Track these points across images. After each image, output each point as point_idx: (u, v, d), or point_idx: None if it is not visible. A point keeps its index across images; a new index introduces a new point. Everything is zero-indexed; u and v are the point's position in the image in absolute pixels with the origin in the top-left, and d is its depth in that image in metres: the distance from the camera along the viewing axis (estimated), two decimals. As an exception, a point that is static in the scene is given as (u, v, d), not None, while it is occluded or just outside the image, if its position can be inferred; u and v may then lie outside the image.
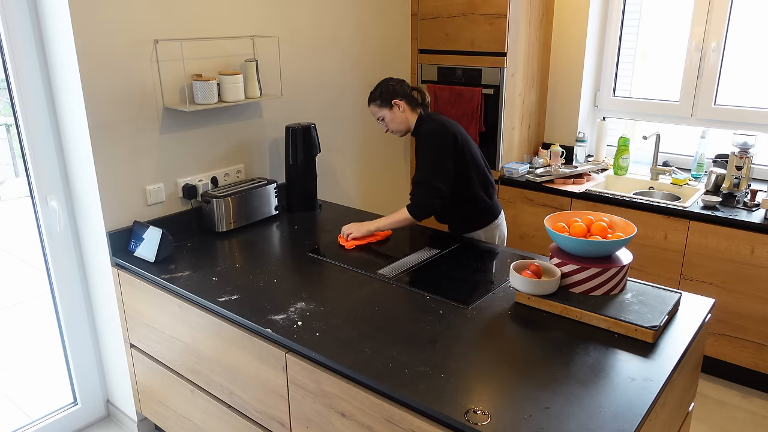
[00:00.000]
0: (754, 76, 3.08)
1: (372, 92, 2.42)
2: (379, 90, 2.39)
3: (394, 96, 2.37)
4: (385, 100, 2.38)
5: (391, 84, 2.38)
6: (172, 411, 2.29)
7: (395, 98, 2.36)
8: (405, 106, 2.38)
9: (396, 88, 2.37)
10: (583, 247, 1.80)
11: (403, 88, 2.39)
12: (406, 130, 2.42)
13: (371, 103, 2.42)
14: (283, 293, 1.94)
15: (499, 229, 2.51)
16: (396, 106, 2.37)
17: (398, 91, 2.37)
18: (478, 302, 1.85)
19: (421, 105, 2.43)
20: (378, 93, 2.39)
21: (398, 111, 2.38)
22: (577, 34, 3.42)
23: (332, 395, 1.60)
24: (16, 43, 2.13)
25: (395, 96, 2.37)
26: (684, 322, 1.72)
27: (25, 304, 3.67)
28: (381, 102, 2.38)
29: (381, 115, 2.41)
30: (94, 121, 2.15)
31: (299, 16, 2.82)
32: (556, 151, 3.42)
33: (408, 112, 2.39)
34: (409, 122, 2.40)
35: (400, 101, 2.37)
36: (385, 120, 2.40)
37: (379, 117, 2.42)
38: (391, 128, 2.42)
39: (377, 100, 2.39)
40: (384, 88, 2.38)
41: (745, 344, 2.75)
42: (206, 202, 2.47)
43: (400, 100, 2.37)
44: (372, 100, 2.41)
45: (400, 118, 2.39)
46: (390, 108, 2.38)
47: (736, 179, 2.90)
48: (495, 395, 1.41)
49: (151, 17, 2.24)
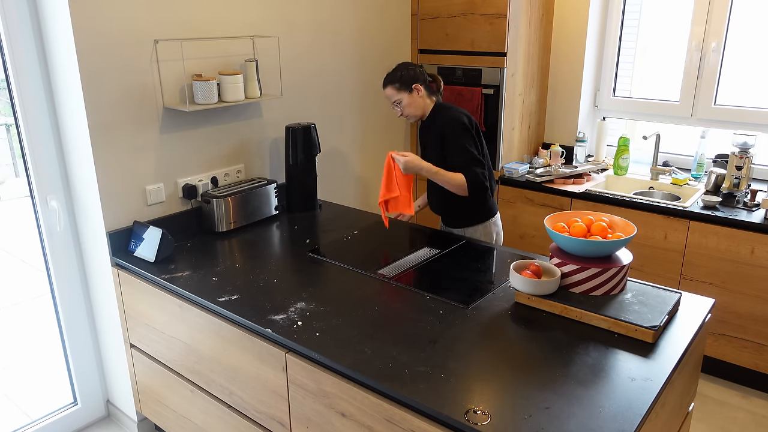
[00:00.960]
0: (754, 76, 3.08)
1: (390, 74, 2.39)
2: (399, 73, 2.37)
3: (414, 80, 2.36)
4: (405, 84, 2.36)
5: (411, 68, 2.38)
6: (172, 411, 2.29)
7: (416, 83, 2.36)
8: (424, 91, 2.38)
9: (417, 73, 2.37)
10: (583, 247, 1.80)
11: (423, 74, 2.40)
12: (421, 115, 2.42)
13: (389, 86, 2.39)
14: (283, 293, 1.94)
15: (497, 226, 2.52)
16: (416, 90, 2.36)
17: (418, 76, 2.37)
18: (478, 302, 1.85)
19: (436, 93, 2.45)
20: (398, 76, 2.37)
21: (417, 96, 2.37)
22: (577, 34, 3.42)
23: (332, 395, 1.60)
24: (16, 43, 2.13)
25: (416, 80, 2.36)
26: (684, 322, 1.72)
27: (25, 304, 3.67)
28: (400, 85, 2.36)
29: (398, 99, 2.38)
30: (94, 121, 2.15)
31: (299, 16, 2.82)
32: (556, 151, 3.42)
33: (425, 97, 2.40)
34: (425, 108, 2.41)
35: (420, 86, 2.37)
36: (403, 103, 2.38)
37: (396, 100, 2.39)
38: (407, 112, 2.40)
39: (396, 83, 2.37)
40: (404, 72, 2.36)
41: (745, 344, 2.75)
42: (206, 202, 2.47)
43: (420, 84, 2.37)
44: (390, 82, 2.38)
45: (418, 102, 2.38)
46: (409, 92, 2.36)
47: (736, 179, 2.90)
48: (495, 395, 1.41)
49: (151, 17, 2.24)
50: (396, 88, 2.38)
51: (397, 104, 2.40)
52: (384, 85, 2.42)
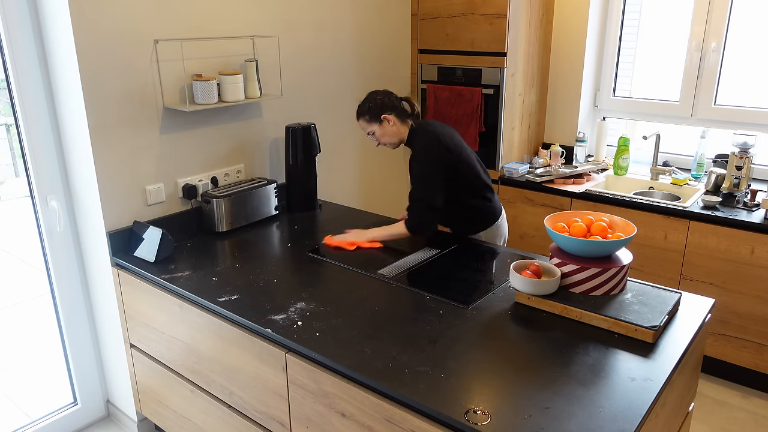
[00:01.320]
0: (754, 76, 3.08)
1: (359, 107, 2.35)
2: (367, 105, 2.32)
3: (382, 110, 2.30)
4: (373, 115, 2.31)
5: (378, 98, 2.32)
6: (172, 411, 2.29)
7: (383, 113, 2.30)
8: (395, 119, 2.32)
9: (384, 102, 2.31)
10: (583, 247, 1.80)
11: (391, 100, 2.33)
12: (399, 142, 2.38)
13: (360, 118, 2.35)
14: (283, 293, 1.94)
15: (500, 229, 2.50)
16: (386, 121, 2.31)
17: (386, 105, 2.31)
18: (478, 302, 1.85)
19: (411, 116, 2.38)
20: (366, 108, 2.32)
21: (388, 125, 2.32)
22: (577, 34, 3.42)
23: (332, 395, 1.60)
24: (16, 43, 2.13)
25: (383, 110, 2.30)
26: (684, 322, 1.72)
27: (25, 304, 3.67)
28: (370, 117, 2.32)
29: (371, 130, 2.35)
30: (94, 121, 2.15)
31: (299, 16, 2.82)
32: (556, 151, 3.42)
33: (398, 124, 2.33)
34: (401, 134, 2.36)
35: (389, 115, 2.31)
36: (376, 135, 2.35)
37: (369, 132, 2.36)
38: (382, 142, 2.37)
39: (365, 115, 2.33)
40: (371, 103, 2.31)
41: (745, 344, 2.75)
42: (206, 202, 2.47)
43: (389, 114, 2.31)
44: (360, 114, 2.35)
45: (391, 131, 2.34)
46: (380, 123, 2.32)
47: (736, 179, 2.90)
48: (495, 395, 1.41)
49: (151, 17, 2.24)
50: (366, 120, 2.34)
51: (371, 135, 2.36)
52: (357, 117, 2.37)
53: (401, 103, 2.36)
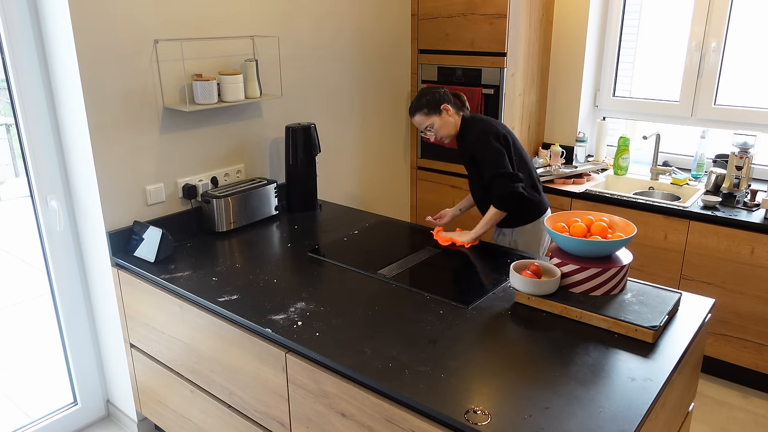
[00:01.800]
0: (754, 76, 3.08)
1: (416, 102, 2.37)
2: (425, 98, 2.35)
3: (441, 101, 2.35)
4: (433, 107, 2.35)
5: (435, 91, 2.37)
6: (172, 411, 2.29)
7: (443, 103, 2.35)
8: (452, 109, 2.37)
9: (442, 95, 2.37)
10: (583, 247, 1.80)
11: (447, 93, 2.39)
12: (454, 134, 2.41)
13: (417, 113, 2.36)
14: (283, 293, 1.94)
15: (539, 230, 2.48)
16: (445, 111, 2.35)
17: (444, 97, 2.37)
18: (478, 302, 1.85)
19: (462, 108, 2.45)
20: (425, 101, 2.35)
21: (447, 116, 2.36)
22: (577, 34, 3.42)
23: (332, 395, 1.60)
24: (16, 43, 2.13)
25: (443, 101, 2.35)
26: (684, 322, 1.72)
27: (25, 304, 3.67)
28: (429, 110, 2.35)
29: (430, 123, 2.36)
30: (94, 121, 2.15)
31: (299, 16, 2.82)
32: (556, 151, 3.42)
33: (455, 116, 2.39)
34: (457, 126, 2.39)
35: (448, 106, 2.36)
36: (435, 126, 2.36)
37: (427, 125, 2.37)
38: (441, 134, 2.38)
39: (424, 108, 2.35)
40: (430, 96, 2.35)
41: (745, 344, 2.75)
42: (206, 202, 2.47)
43: (448, 104, 2.36)
44: (418, 109, 2.36)
45: (450, 122, 2.37)
46: (439, 114, 2.35)
47: (736, 179, 2.90)
48: (495, 395, 1.41)
49: (151, 17, 2.24)
50: (425, 114, 2.36)
51: (430, 129, 2.38)
52: (412, 113, 2.39)
53: (453, 98, 2.43)
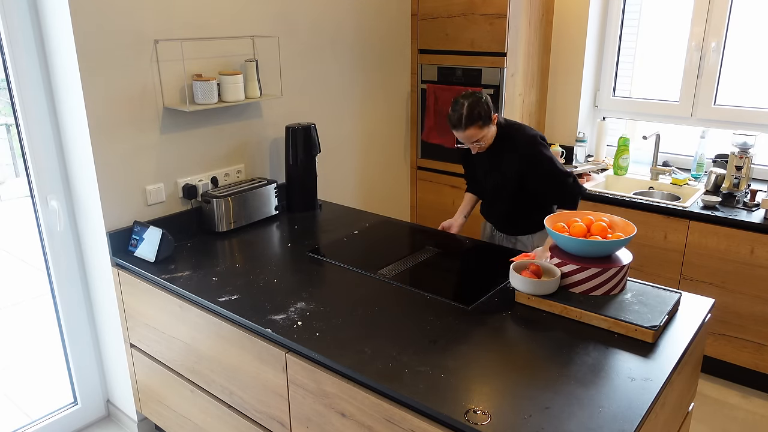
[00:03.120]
0: (754, 76, 3.08)
1: (469, 115, 2.17)
2: (478, 110, 2.18)
3: (492, 111, 2.23)
4: (487, 119, 2.21)
5: (484, 100, 2.21)
6: (172, 411, 2.29)
7: (493, 112, 2.25)
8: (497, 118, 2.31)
9: (489, 103, 2.23)
10: (583, 247, 1.80)
11: (489, 100, 2.26)
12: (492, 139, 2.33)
13: (472, 126, 2.18)
14: (283, 293, 1.94)
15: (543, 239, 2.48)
16: (494, 120, 2.25)
17: (491, 105, 2.25)
18: (478, 302, 1.86)
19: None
20: (479, 113, 2.18)
21: (493, 125, 2.27)
22: (577, 34, 3.42)
23: (332, 395, 1.60)
24: (16, 43, 2.13)
25: (492, 110, 2.24)
26: (684, 322, 1.72)
27: (25, 304, 3.67)
28: (483, 122, 2.20)
29: (483, 135, 2.22)
30: (94, 121, 2.15)
31: (299, 16, 2.82)
32: (556, 151, 3.42)
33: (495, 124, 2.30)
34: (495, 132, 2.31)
35: (496, 114, 2.28)
36: (487, 137, 2.25)
37: (481, 137, 2.22)
38: (486, 144, 2.28)
39: (480, 121, 2.18)
40: (483, 108, 2.19)
41: (745, 344, 2.75)
42: (206, 202, 2.47)
43: (495, 113, 2.27)
44: (473, 122, 2.18)
45: (494, 131, 2.29)
46: (491, 124, 2.24)
47: (736, 179, 2.90)
48: (495, 395, 1.41)
49: (151, 17, 2.24)
50: (480, 126, 2.20)
51: (479, 141, 2.24)
52: (463, 126, 2.19)
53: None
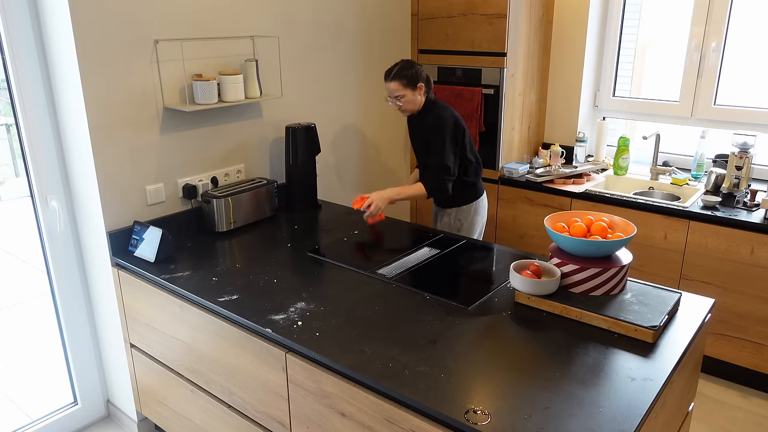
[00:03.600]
0: (754, 76, 3.08)
1: (399, 70, 2.51)
2: (408, 72, 2.50)
3: (419, 79, 2.52)
4: (411, 82, 2.51)
5: (417, 68, 2.53)
6: (172, 411, 2.29)
7: (420, 82, 2.52)
8: (424, 90, 2.56)
9: (421, 73, 2.54)
10: (583, 247, 1.80)
11: (425, 73, 2.57)
12: (416, 111, 2.60)
13: (394, 80, 2.51)
14: (283, 293, 1.94)
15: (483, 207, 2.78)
16: (419, 89, 2.53)
17: (422, 76, 2.54)
18: (478, 302, 1.86)
19: (430, 91, 2.64)
20: (407, 74, 2.50)
21: (418, 94, 2.54)
22: (577, 34, 3.42)
23: (332, 395, 1.60)
24: (16, 43, 2.13)
25: (420, 80, 2.53)
26: (684, 322, 1.72)
27: (25, 304, 3.67)
28: (407, 82, 2.51)
29: (402, 94, 2.52)
30: (95, 121, 2.15)
31: (299, 16, 2.82)
32: (556, 151, 3.42)
33: (422, 96, 2.57)
34: (420, 104, 2.59)
35: (423, 85, 2.54)
36: (404, 99, 2.53)
37: (399, 95, 2.53)
38: (406, 108, 2.57)
39: (403, 80, 2.50)
40: (413, 71, 2.51)
41: (745, 344, 2.75)
42: (206, 202, 2.47)
43: (423, 84, 2.54)
44: (397, 77, 2.50)
45: (417, 101, 2.56)
46: (413, 89, 2.53)
47: (736, 179, 2.90)
48: (495, 395, 1.41)
49: (151, 17, 2.24)
50: (403, 84, 2.51)
51: (399, 98, 2.54)
52: (390, 78, 2.53)
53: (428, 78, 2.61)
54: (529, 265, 1.86)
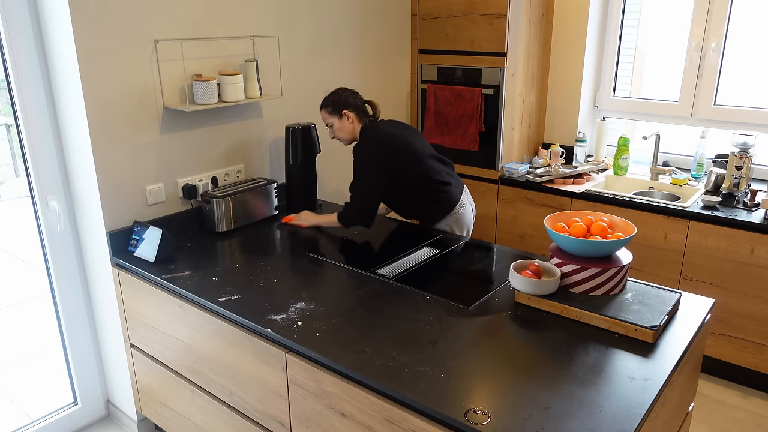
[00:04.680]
0: (754, 76, 3.08)
1: (325, 99, 2.49)
2: (332, 98, 2.47)
3: (345, 107, 2.46)
4: (335, 109, 2.46)
5: (344, 94, 2.47)
6: (172, 411, 2.29)
7: (345, 109, 2.46)
8: (354, 117, 2.47)
9: (348, 99, 2.47)
10: (583, 247, 1.80)
11: (356, 100, 2.49)
12: (352, 139, 2.52)
13: (322, 109, 2.49)
14: (283, 293, 1.94)
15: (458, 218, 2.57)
16: (345, 116, 2.46)
17: (350, 103, 2.47)
18: (478, 302, 1.86)
19: (370, 117, 2.54)
20: (330, 101, 2.47)
21: (346, 121, 2.47)
22: (577, 34, 3.42)
23: (332, 395, 1.60)
24: (16, 43, 2.13)
25: (346, 107, 2.46)
26: (684, 322, 1.72)
27: (25, 304, 3.67)
28: (332, 110, 2.47)
29: (330, 122, 2.49)
30: (95, 120, 2.15)
31: (299, 16, 2.82)
32: (556, 151, 3.42)
33: (355, 123, 2.48)
34: (355, 133, 2.50)
35: (351, 112, 2.46)
36: (333, 127, 2.50)
37: (328, 123, 2.50)
38: (337, 136, 2.52)
39: (328, 107, 2.48)
40: (336, 98, 2.47)
41: (745, 344, 2.75)
42: (206, 202, 2.47)
43: (350, 111, 2.46)
44: (324, 106, 2.49)
45: (348, 128, 2.49)
46: (339, 117, 2.47)
47: (736, 179, 2.90)
48: (495, 395, 1.41)
49: (151, 17, 2.24)
50: (328, 112, 2.48)
51: (330, 126, 2.51)
52: (320, 107, 2.51)
53: (364, 105, 2.52)
54: (529, 265, 1.86)
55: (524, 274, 1.82)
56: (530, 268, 1.85)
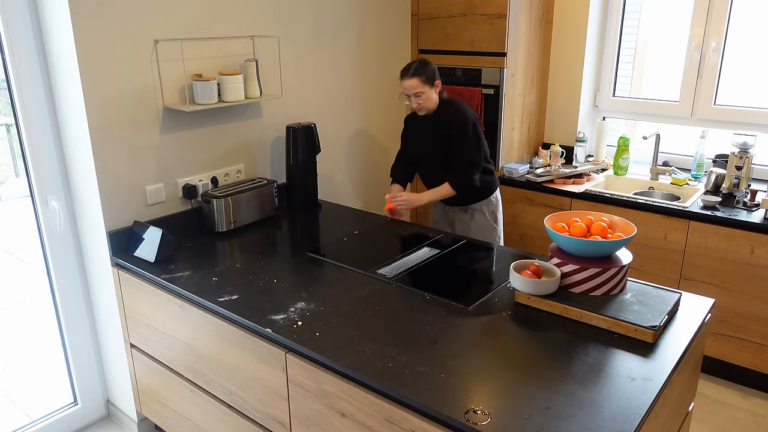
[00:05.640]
0: (754, 76, 3.08)
1: (417, 67, 2.53)
2: (429, 68, 2.55)
3: (437, 77, 2.58)
4: (430, 79, 2.55)
5: (433, 66, 2.58)
6: (172, 411, 2.29)
7: (437, 79, 2.58)
8: (440, 88, 2.62)
9: (437, 71, 2.59)
10: (583, 247, 1.80)
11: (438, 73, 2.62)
12: (433, 108, 2.63)
13: (415, 77, 2.52)
14: (283, 293, 1.94)
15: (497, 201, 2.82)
16: (436, 86, 2.59)
17: (438, 74, 2.60)
18: (478, 302, 1.86)
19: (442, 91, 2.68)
20: (428, 70, 2.54)
21: (435, 92, 2.59)
22: (577, 34, 3.42)
23: (332, 395, 1.60)
24: (16, 43, 2.13)
25: (437, 78, 2.58)
26: (684, 322, 1.72)
27: (25, 304, 3.67)
28: (426, 79, 2.53)
29: (421, 91, 2.54)
30: (95, 121, 2.15)
31: (299, 16, 2.82)
32: (556, 151, 3.42)
33: (438, 95, 2.62)
34: (435, 102, 2.62)
35: (439, 83, 2.60)
36: (423, 96, 2.55)
37: (417, 92, 2.54)
38: (424, 105, 2.58)
39: (422, 77, 2.52)
40: (431, 68, 2.56)
41: (745, 344, 2.75)
42: (206, 202, 2.47)
43: (439, 81, 2.60)
44: (417, 74, 2.52)
45: (434, 98, 2.60)
46: (432, 87, 2.56)
47: (736, 179, 2.90)
48: (495, 395, 1.41)
49: (151, 17, 2.24)
50: (422, 81, 2.53)
51: (418, 96, 2.55)
52: (409, 75, 2.53)
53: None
54: (529, 265, 1.86)
55: (524, 274, 1.82)
56: (530, 268, 1.85)
